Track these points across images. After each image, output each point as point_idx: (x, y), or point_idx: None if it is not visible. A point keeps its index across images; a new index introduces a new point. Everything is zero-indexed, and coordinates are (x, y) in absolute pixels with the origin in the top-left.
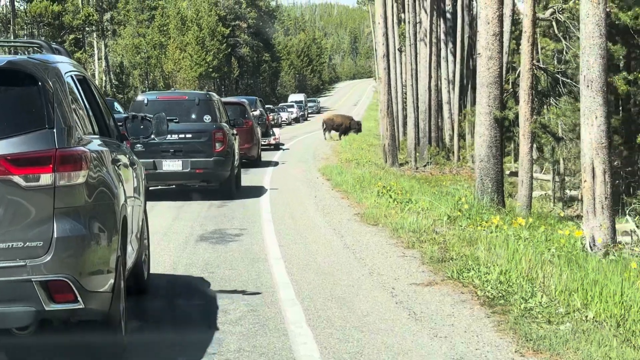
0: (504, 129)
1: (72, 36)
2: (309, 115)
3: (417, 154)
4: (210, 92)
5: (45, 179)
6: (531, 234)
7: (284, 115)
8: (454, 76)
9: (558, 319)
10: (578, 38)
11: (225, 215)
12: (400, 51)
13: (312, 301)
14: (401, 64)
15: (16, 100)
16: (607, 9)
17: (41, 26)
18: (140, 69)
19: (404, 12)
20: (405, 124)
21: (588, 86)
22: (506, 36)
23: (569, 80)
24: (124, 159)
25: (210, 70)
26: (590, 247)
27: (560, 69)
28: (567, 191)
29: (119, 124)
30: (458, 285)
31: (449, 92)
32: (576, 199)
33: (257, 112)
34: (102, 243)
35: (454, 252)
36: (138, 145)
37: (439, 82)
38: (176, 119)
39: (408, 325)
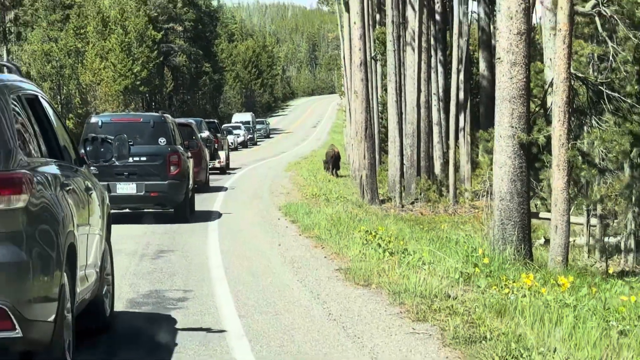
0: (532, 157)
1: None
2: (258, 140)
3: (403, 188)
4: (165, 114)
5: None
6: (578, 299)
7: (229, 138)
8: (444, 91)
9: None
10: (625, 40)
11: (162, 271)
12: (375, 60)
13: None
14: (376, 75)
15: None
16: None
17: None
18: (51, 81)
19: (379, 12)
20: (382, 150)
21: None
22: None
23: (615, 94)
24: (77, 184)
25: (138, 83)
26: None
27: (605, 79)
28: (606, 238)
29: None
30: None
31: (439, 110)
32: (618, 247)
33: (204, 134)
34: (44, 270)
35: (485, 328)
36: (92, 167)
37: (430, 98)
38: (131, 141)
39: None
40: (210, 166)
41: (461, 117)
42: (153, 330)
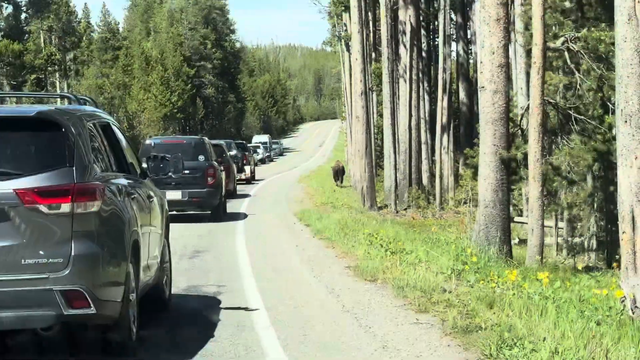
0: (511, 171)
1: (33, 76)
2: (274, 157)
3: (397, 197)
4: (203, 137)
5: (65, 207)
6: (554, 292)
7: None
8: (429, 115)
9: None
10: (589, 71)
11: (199, 268)
12: (372, 91)
13: None
14: (372, 103)
15: (43, 143)
16: None
17: (1, 66)
18: (103, 109)
19: (375, 50)
20: (377, 165)
21: (626, 121)
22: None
23: (581, 117)
24: (141, 193)
25: (175, 110)
26: (632, 309)
27: (573, 104)
28: (574, 239)
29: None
30: None
31: (426, 131)
32: (583, 247)
33: (233, 153)
34: (112, 261)
35: (480, 319)
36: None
37: (419, 122)
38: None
39: None
40: (237, 178)
41: (444, 137)
42: (195, 320)
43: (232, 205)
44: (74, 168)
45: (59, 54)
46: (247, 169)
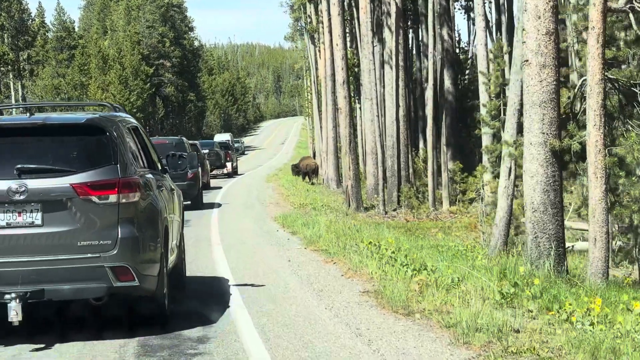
0: (563, 165)
1: None
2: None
3: (385, 196)
4: (182, 137)
5: (112, 198)
6: None
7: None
8: (407, 107)
9: None
10: None
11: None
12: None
13: None
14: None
15: (92, 145)
16: None
17: None
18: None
19: (352, 39)
20: (360, 160)
21: None
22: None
23: None
24: (166, 186)
25: (135, 110)
26: None
27: (636, 80)
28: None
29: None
30: None
31: (414, 123)
32: (627, 252)
33: (206, 150)
34: (151, 242)
35: None
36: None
37: (408, 113)
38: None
39: None
40: (220, 172)
41: (431, 130)
42: None
43: (199, 215)
44: (118, 165)
45: (12, 54)
46: (229, 164)
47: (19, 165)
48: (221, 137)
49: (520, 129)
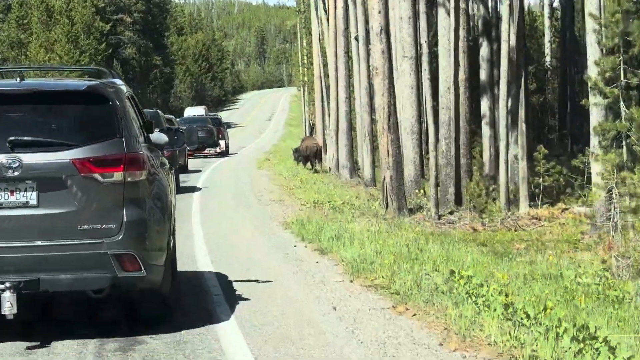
0: None
1: None
2: None
3: (438, 193)
4: (158, 110)
5: (118, 176)
6: None
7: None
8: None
9: None
10: None
11: None
12: (357, 40)
13: None
14: (359, 59)
15: (95, 115)
16: None
17: None
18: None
19: None
20: (372, 143)
21: None
22: None
23: None
24: (165, 163)
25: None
26: None
27: None
28: None
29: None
30: None
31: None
32: None
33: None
34: (159, 226)
35: None
36: None
37: (467, 75)
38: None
39: None
40: (212, 152)
41: (505, 101)
42: None
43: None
44: (123, 139)
45: None
46: (222, 142)
47: (12, 138)
48: (193, 110)
49: None
